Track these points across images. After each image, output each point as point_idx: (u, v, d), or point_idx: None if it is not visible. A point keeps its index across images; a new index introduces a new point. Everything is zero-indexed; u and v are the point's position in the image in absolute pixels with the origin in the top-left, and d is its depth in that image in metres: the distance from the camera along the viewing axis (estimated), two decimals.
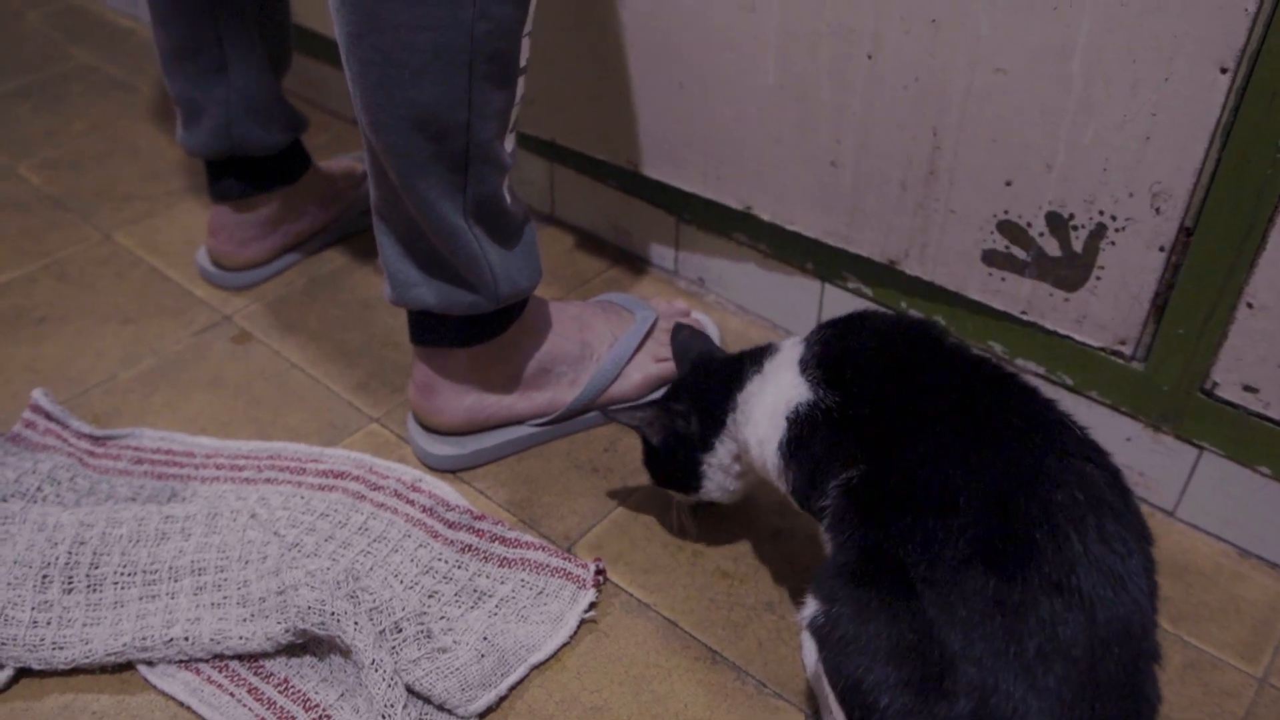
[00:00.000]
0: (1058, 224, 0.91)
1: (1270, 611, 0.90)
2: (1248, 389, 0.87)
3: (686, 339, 0.95)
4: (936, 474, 0.69)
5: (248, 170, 1.20)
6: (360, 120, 0.83)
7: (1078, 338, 0.95)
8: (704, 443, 0.87)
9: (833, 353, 0.79)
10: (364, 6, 0.77)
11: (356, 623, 0.80)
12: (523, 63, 0.84)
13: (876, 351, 0.79)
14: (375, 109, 0.81)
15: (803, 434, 0.78)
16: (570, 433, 1.06)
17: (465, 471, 1.02)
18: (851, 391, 0.76)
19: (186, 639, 0.84)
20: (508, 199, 0.90)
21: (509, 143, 0.88)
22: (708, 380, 0.88)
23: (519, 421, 1.03)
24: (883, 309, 0.81)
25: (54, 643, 0.83)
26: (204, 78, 1.14)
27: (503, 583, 0.90)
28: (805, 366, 0.80)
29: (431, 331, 0.97)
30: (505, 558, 0.92)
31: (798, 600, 0.82)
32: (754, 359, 0.86)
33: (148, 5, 1.11)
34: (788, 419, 0.79)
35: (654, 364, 1.07)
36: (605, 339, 1.06)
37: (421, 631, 0.84)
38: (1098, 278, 0.91)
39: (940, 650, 0.63)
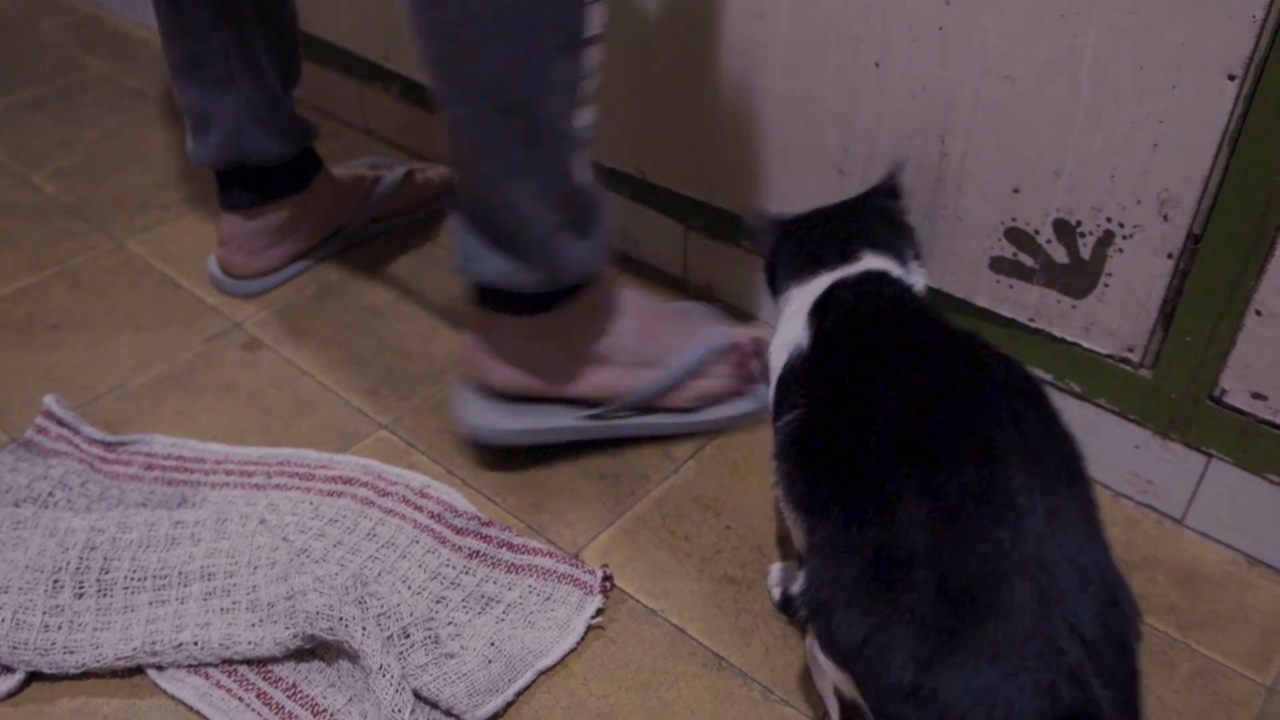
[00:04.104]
0: (1065, 231, 0.91)
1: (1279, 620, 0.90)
2: (1256, 396, 0.87)
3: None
4: (862, 449, 0.68)
5: (257, 180, 1.21)
6: (433, 94, 0.85)
7: (1085, 345, 0.95)
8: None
9: (832, 311, 0.81)
10: None
11: (365, 628, 0.81)
12: (592, 32, 0.83)
13: (860, 316, 0.80)
14: (441, 82, 0.83)
15: (786, 377, 0.81)
16: (611, 436, 1.04)
17: (474, 476, 1.02)
18: (820, 345, 0.79)
19: (196, 644, 0.84)
20: (577, 177, 0.89)
21: (583, 116, 0.86)
22: (795, 244, 0.88)
23: (570, 401, 1.01)
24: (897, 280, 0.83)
25: (65, 647, 0.84)
26: (212, 89, 1.14)
27: (510, 589, 0.90)
28: (811, 315, 0.81)
29: (492, 298, 0.96)
30: (513, 564, 0.92)
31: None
32: (825, 259, 0.85)
33: (156, 18, 1.12)
34: (790, 356, 0.81)
35: (711, 381, 1.05)
36: (670, 345, 1.03)
37: (429, 637, 0.84)
38: (1105, 285, 0.91)
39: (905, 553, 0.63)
